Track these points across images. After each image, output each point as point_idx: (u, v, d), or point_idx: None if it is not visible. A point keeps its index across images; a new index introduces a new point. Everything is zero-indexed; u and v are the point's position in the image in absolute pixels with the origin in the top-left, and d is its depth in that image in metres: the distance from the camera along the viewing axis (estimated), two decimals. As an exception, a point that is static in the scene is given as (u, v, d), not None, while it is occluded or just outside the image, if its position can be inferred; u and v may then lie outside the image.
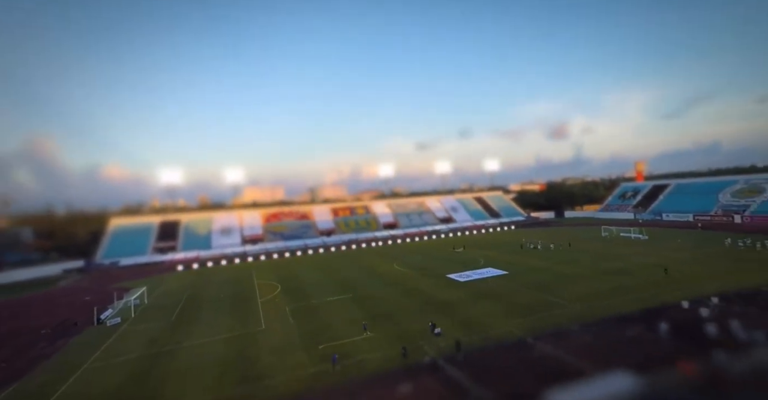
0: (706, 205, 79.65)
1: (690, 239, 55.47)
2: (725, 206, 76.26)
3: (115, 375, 22.43)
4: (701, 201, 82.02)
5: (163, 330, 30.71)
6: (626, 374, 16.69)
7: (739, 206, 74.14)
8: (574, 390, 16.16)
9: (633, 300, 28.67)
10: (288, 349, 24.30)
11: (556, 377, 17.26)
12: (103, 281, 57.62)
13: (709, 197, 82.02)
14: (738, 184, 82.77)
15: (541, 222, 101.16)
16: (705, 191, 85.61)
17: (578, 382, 16.45)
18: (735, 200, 76.88)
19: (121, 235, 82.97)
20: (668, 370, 17.37)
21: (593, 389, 16.11)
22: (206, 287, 48.40)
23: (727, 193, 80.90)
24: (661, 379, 16.65)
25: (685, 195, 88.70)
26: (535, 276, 38.73)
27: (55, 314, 38.89)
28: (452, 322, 26.94)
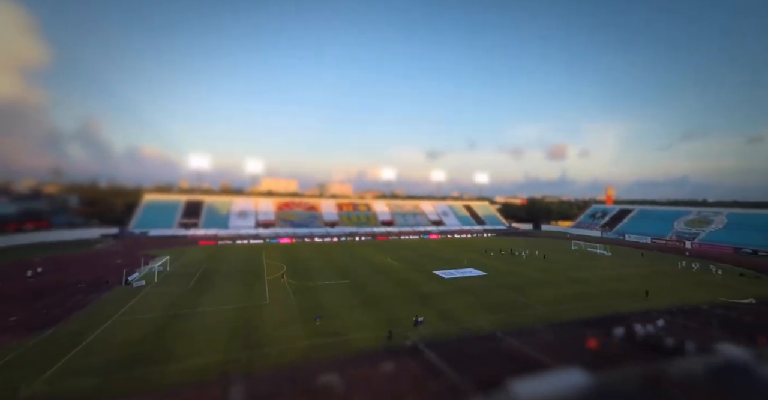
0: (663, 230, 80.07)
1: (647, 259, 55.65)
2: (679, 233, 76.73)
3: (136, 329, 22.61)
4: (659, 226, 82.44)
5: (181, 295, 30.87)
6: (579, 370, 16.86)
7: (690, 234, 74.68)
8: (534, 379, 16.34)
9: (592, 307, 28.82)
10: (288, 322, 24.45)
11: (520, 368, 17.44)
12: (133, 248, 57.78)
13: (666, 224, 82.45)
14: (691, 214, 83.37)
15: (520, 232, 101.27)
16: (663, 218, 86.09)
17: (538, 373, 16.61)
18: (687, 228, 77.44)
19: (152, 209, 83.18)
20: (615, 369, 17.55)
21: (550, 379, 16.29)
22: (221, 261, 48.54)
23: (681, 221, 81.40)
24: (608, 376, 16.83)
25: (646, 220, 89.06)
26: (510, 279, 38.87)
27: (91, 272, 39.08)
28: (433, 312, 27.09)
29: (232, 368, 17.72)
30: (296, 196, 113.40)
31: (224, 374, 17.06)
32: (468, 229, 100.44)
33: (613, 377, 16.59)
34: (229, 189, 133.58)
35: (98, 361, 18.33)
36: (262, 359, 18.90)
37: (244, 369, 17.69)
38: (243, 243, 70.02)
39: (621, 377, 16.69)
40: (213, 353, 19.49)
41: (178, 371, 17.34)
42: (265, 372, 17.44)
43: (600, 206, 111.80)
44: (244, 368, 17.77)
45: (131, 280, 34.79)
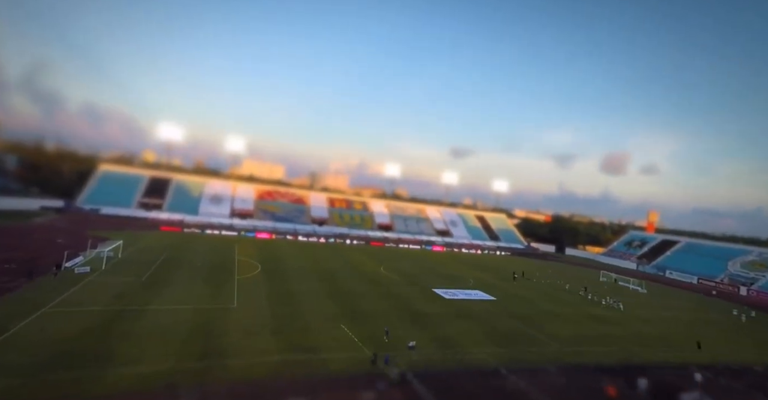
0: (714, 270, 79.65)
1: (690, 301, 55.63)
2: (733, 276, 76.29)
3: (72, 324, 22.51)
4: (710, 265, 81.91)
5: (132, 288, 30.83)
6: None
7: (747, 278, 74.07)
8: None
9: (616, 351, 28.81)
10: (256, 332, 24.42)
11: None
12: (80, 226, 57.75)
13: (719, 263, 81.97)
14: (751, 255, 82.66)
15: (539, 254, 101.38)
16: (716, 256, 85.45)
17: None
18: (744, 271, 76.82)
19: (108, 182, 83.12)
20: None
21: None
22: (185, 252, 48.54)
23: (737, 262, 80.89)
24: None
25: (694, 255, 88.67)
26: (523, 308, 38.90)
27: (25, 249, 39.03)
28: (428, 336, 27.08)
29: (184, 380, 17.67)
30: (282, 185, 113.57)
31: (173, 386, 17.02)
32: (478, 244, 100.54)
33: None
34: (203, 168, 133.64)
35: (19, 359, 17.99)
36: (221, 371, 18.86)
37: (197, 382, 17.64)
38: (214, 233, 70.10)
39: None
40: (163, 359, 19.43)
41: (118, 377, 17.27)
42: (223, 387, 17.40)
43: (639, 233, 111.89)
44: (199, 381, 17.72)
45: (73, 264, 34.74)
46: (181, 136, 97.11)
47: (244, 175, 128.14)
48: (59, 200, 74.72)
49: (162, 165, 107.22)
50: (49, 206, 72.13)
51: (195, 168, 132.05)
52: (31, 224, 56.57)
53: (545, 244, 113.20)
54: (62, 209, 72.15)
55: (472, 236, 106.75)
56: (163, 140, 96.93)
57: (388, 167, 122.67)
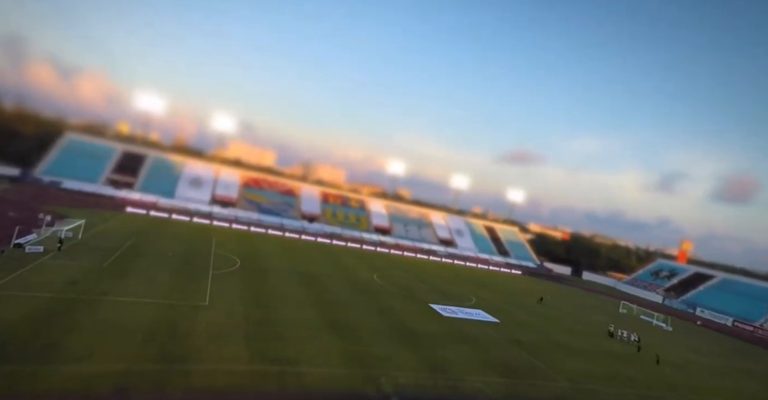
0: (754, 312, 78.89)
1: (724, 346, 55.41)
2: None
3: (15, 310, 22.28)
4: (749, 306, 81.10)
5: (90, 275, 30.63)
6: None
7: (791, 324, 73.70)
8: None
9: (632, 396, 28.61)
10: (226, 336, 24.22)
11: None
12: (36, 200, 57.53)
13: (759, 304, 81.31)
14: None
15: (553, 276, 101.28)
16: (755, 296, 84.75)
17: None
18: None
19: (72, 152, 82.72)
20: None
21: None
22: (155, 239, 48.36)
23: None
24: None
25: (730, 294, 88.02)
26: (530, 336, 38.72)
27: (-29, 220, 38.77)
28: (419, 356, 26.89)
29: (138, 384, 17.45)
30: (271, 173, 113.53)
31: (123, 390, 16.78)
32: (485, 258, 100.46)
33: None
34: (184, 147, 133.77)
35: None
36: (181, 377, 18.64)
37: (153, 387, 17.41)
38: (190, 220, 69.89)
39: None
40: (116, 358, 19.21)
41: (61, 375, 17.03)
42: (180, 396, 17.17)
43: (668, 263, 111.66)
44: (155, 386, 17.49)
45: (24, 242, 34.51)
46: (162, 107, 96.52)
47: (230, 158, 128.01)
48: (14, 168, 74.38)
49: (137, 139, 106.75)
50: (1, 174, 71.78)
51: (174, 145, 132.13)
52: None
53: (560, 264, 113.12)
54: (17, 179, 71.90)
55: (478, 248, 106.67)
56: (140, 110, 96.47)
57: (392, 164, 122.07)
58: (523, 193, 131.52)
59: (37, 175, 74.10)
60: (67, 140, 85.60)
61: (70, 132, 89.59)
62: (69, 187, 73.39)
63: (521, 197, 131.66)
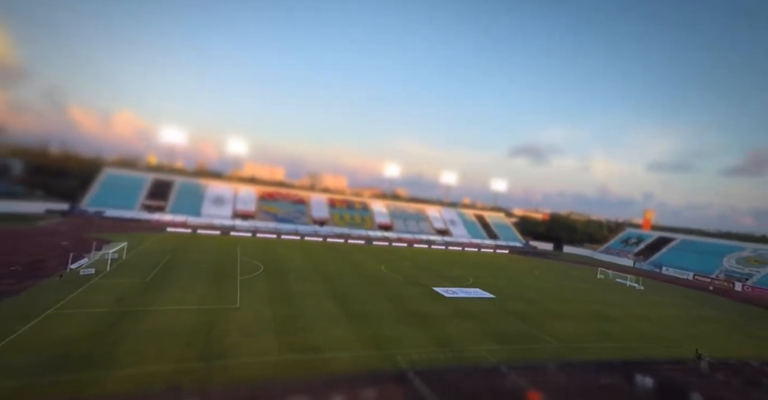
0: (709, 267, 79.61)
1: (687, 298, 55.41)
2: (728, 272, 76.18)
3: (76, 326, 22.29)
4: (705, 262, 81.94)
5: (135, 289, 30.60)
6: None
7: (742, 274, 73.99)
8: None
9: (615, 348, 28.58)
10: (257, 332, 24.19)
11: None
12: (84, 229, 57.56)
13: (713, 260, 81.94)
14: (745, 251, 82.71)
15: (538, 252, 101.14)
16: (710, 252, 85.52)
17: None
18: (739, 267, 76.73)
19: (111, 185, 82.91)
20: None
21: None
22: (188, 253, 48.31)
23: (732, 258, 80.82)
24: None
25: (689, 252, 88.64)
26: (523, 306, 38.65)
27: (29, 252, 38.81)
28: (429, 334, 26.85)
29: (186, 380, 17.44)
30: (283, 186, 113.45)
31: (175, 387, 16.79)
32: (477, 242, 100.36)
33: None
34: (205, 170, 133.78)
35: (23, 360, 17.82)
36: (222, 372, 18.63)
37: (199, 382, 17.41)
38: (216, 234, 69.86)
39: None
40: (165, 360, 19.21)
41: (119, 378, 17.05)
42: (224, 388, 17.17)
43: (635, 231, 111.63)
44: (200, 382, 17.49)
45: (77, 266, 34.51)
46: (184, 138, 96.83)
47: (246, 176, 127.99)
48: (64, 203, 74.48)
49: (165, 167, 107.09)
50: (53, 209, 71.82)
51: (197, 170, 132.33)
52: (36, 227, 56.34)
53: (543, 242, 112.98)
54: (67, 212, 71.91)
55: (471, 234, 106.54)
56: (165, 142, 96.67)
57: (388, 168, 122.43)
58: (505, 183, 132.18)
59: (83, 208, 74.15)
60: (105, 175, 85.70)
61: (108, 167, 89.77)
62: (111, 215, 73.46)
63: (503, 186, 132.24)
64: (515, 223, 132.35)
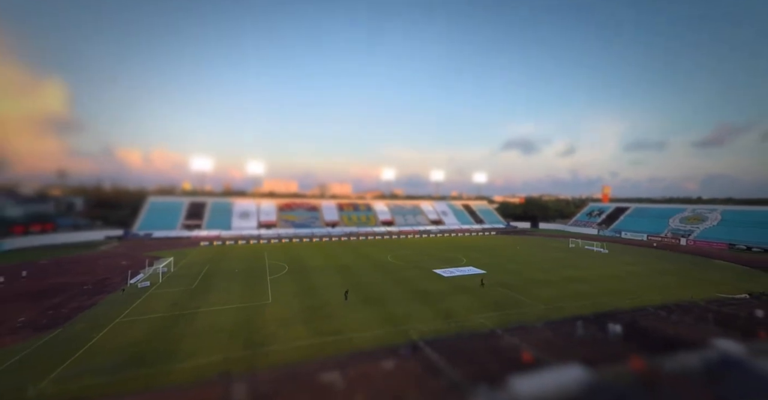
0: (659, 227, 79.98)
1: (643, 256, 55.50)
2: (674, 230, 76.64)
3: (141, 330, 22.57)
4: (655, 224, 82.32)
5: (185, 296, 30.83)
6: (578, 367, 16.83)
7: (685, 231, 74.65)
8: (533, 376, 16.32)
9: (590, 304, 28.75)
10: (289, 322, 24.41)
11: (519, 365, 17.43)
12: (138, 249, 57.76)
13: (662, 221, 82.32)
14: (686, 212, 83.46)
15: (518, 230, 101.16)
16: (659, 216, 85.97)
17: (537, 369, 16.60)
18: (682, 225, 77.42)
19: (155, 211, 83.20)
20: (613, 365, 17.51)
21: (550, 376, 16.29)
22: (224, 262, 48.50)
23: (676, 219, 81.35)
24: (606, 372, 16.81)
25: (642, 218, 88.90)
26: (509, 277, 38.80)
27: (96, 273, 39.05)
28: (433, 309, 27.05)
29: (234, 367, 17.68)
30: (297, 197, 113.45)
31: (226, 374, 17.02)
32: (467, 228, 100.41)
33: (611, 372, 16.58)
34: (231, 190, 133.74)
35: (103, 361, 18.32)
36: (263, 358, 18.85)
37: (246, 368, 17.64)
38: (245, 243, 70.00)
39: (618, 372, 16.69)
40: (215, 352, 19.46)
41: (182, 370, 17.31)
42: (267, 371, 17.39)
43: (597, 205, 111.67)
44: (246, 367, 17.72)
45: (136, 281, 34.75)
46: (211, 165, 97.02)
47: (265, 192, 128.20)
48: (119, 230, 74.80)
49: (198, 191, 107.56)
50: (111, 235, 72.25)
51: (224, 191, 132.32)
52: (99, 251, 56.57)
53: (522, 221, 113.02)
54: (122, 237, 72.22)
55: (461, 222, 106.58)
56: (196, 171, 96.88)
57: (384, 172, 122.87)
58: (485, 175, 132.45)
59: (135, 232, 74.37)
60: (149, 203, 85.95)
61: (151, 196, 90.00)
62: (157, 236, 73.68)
63: (484, 178, 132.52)
64: (496, 208, 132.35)
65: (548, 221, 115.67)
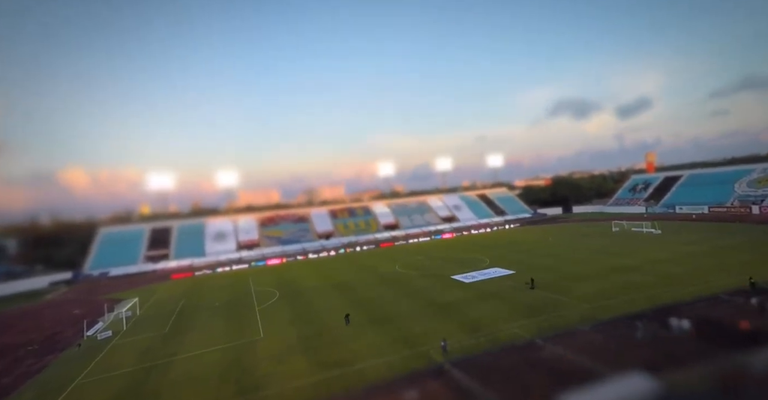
0: (722, 196, 79.23)
1: (706, 232, 55.38)
2: (741, 197, 75.91)
3: (106, 391, 22.46)
4: (716, 192, 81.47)
5: (157, 342, 30.74)
6: (641, 375, 16.69)
7: (756, 197, 73.58)
8: (588, 392, 16.15)
9: (644, 298, 28.67)
10: (287, 358, 24.35)
11: (568, 379, 17.29)
12: (92, 293, 57.67)
13: (725, 188, 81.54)
14: (755, 173, 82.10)
15: (548, 218, 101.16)
16: (720, 182, 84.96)
17: (591, 383, 16.47)
18: (752, 190, 76.25)
19: (110, 244, 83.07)
20: (684, 369, 17.38)
21: (608, 390, 16.11)
22: (201, 295, 48.44)
23: (743, 182, 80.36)
24: (678, 379, 16.66)
25: (698, 186, 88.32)
26: (543, 275, 38.75)
27: (43, 328, 38.93)
28: (456, 324, 26.98)
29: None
30: (281, 208, 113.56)
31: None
32: (486, 222, 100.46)
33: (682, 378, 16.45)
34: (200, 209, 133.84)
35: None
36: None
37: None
38: (225, 270, 69.98)
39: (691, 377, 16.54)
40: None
41: (162, 431, 17.21)
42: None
43: (640, 177, 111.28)
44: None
45: (94, 332, 34.65)
46: (172, 182, 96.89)
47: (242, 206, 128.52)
48: (66, 272, 74.59)
49: (160, 215, 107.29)
50: (57, 280, 71.96)
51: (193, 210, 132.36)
52: (44, 301, 56.48)
53: (551, 207, 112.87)
54: (71, 280, 72.05)
55: (478, 216, 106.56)
56: (155, 190, 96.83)
57: (381, 167, 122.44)
58: (501, 158, 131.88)
59: (86, 272, 74.26)
60: (101, 235, 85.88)
61: (103, 227, 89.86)
62: (116, 273, 73.62)
63: (500, 161, 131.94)
64: (519, 194, 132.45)
65: (583, 202, 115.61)
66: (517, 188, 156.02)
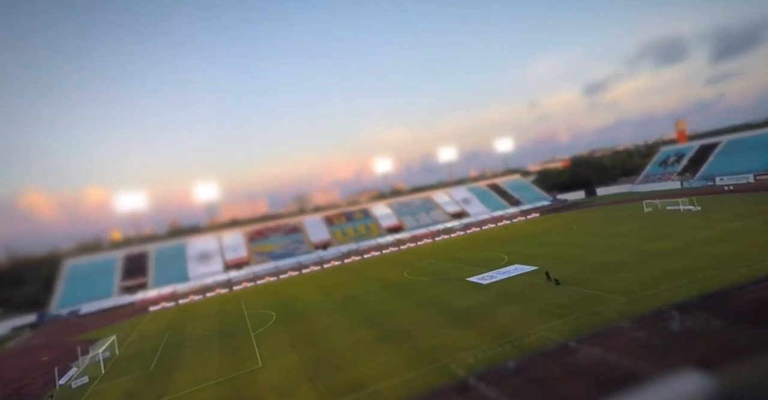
0: None
1: (753, 203, 55.26)
2: (793, 160, 75.29)
3: (89, 442, 22.33)
4: (761, 157, 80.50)
5: (141, 384, 30.61)
6: (695, 373, 16.53)
7: (811, 158, 72.79)
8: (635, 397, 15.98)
9: (688, 284, 28.53)
10: (292, 387, 24.26)
11: (610, 385, 17.16)
12: (62, 335, 57.52)
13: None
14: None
15: (570, 204, 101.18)
16: (764, 145, 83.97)
17: (638, 387, 16.32)
18: (805, 151, 75.48)
19: (78, 277, 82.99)
20: (744, 363, 17.21)
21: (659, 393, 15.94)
22: (188, 326, 48.38)
23: (793, 144, 79.65)
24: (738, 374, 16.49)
25: (740, 153, 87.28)
26: (570, 268, 38.67)
27: (7, 382, 38.64)
28: (477, 331, 26.88)
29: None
30: (270, 219, 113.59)
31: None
32: (500, 214, 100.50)
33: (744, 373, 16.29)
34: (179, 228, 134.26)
35: None
36: (263, 444, 18.65)
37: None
38: (212, 295, 69.96)
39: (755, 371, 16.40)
40: (197, 449, 19.24)
41: None
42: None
43: (671, 148, 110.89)
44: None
45: (67, 380, 34.49)
46: (144, 201, 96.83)
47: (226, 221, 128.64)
48: (30, 314, 74.26)
49: (133, 239, 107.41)
50: (20, 324, 71.72)
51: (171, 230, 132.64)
52: (6, 350, 56.24)
53: (572, 191, 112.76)
54: (36, 323, 71.75)
55: (491, 208, 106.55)
56: (125, 212, 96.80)
57: (378, 163, 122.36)
58: (510, 141, 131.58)
59: (54, 312, 74.11)
60: (68, 268, 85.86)
61: (68, 258, 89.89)
62: (87, 310, 73.52)
63: (509, 145, 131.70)
64: (534, 181, 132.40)
65: (608, 183, 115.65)
66: (532, 174, 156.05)
